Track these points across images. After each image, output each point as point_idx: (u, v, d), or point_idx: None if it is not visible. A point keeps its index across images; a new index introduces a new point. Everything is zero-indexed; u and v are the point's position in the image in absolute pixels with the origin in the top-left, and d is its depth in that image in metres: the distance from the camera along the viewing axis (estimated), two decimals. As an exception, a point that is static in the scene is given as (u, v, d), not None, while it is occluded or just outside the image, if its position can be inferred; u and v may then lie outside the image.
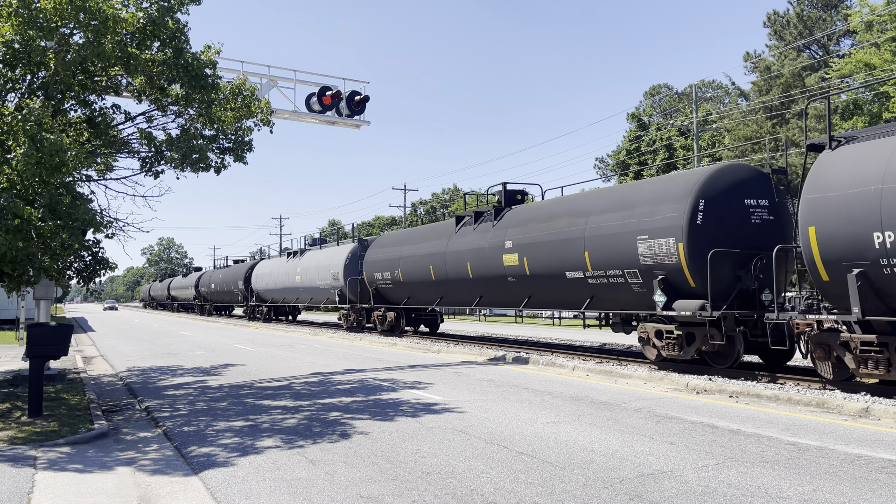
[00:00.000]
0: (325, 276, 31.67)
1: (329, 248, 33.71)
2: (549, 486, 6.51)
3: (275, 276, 39.18)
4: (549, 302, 18.04)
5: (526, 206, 20.17)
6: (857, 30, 35.14)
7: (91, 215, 10.27)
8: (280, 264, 39.04)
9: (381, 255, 26.55)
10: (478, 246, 20.00)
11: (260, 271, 42.51)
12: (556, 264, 16.72)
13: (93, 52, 10.48)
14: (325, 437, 8.86)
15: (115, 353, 23.17)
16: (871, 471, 6.85)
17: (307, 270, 33.97)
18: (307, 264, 34.28)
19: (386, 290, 26.53)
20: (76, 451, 8.58)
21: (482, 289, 20.21)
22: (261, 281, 41.99)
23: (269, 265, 41.60)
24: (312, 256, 34.34)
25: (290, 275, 36.43)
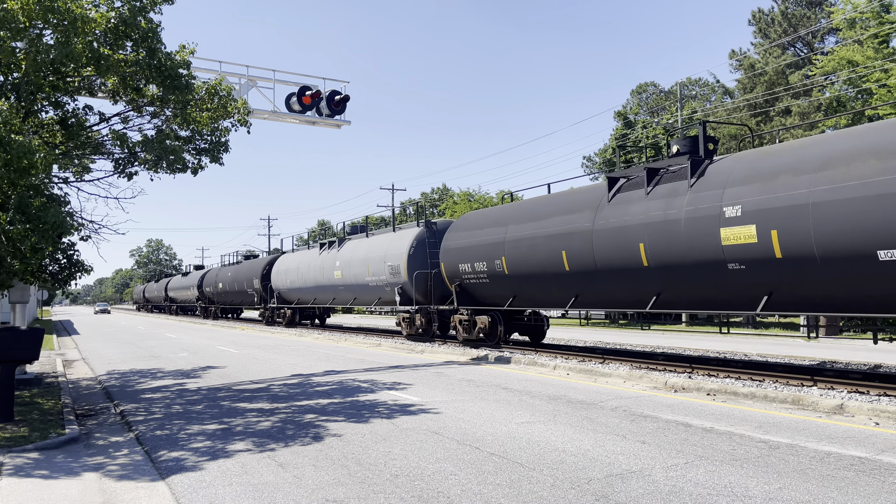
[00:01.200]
0: (378, 269, 25.31)
1: (381, 234, 27.48)
2: (517, 487, 6.47)
3: (303, 273, 32.85)
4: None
5: (761, 150, 13.08)
6: (840, 27, 35.29)
7: (61, 218, 10.15)
8: (310, 258, 32.69)
9: (468, 239, 20.07)
10: (663, 218, 13.49)
11: (282, 266, 35.94)
12: (852, 239, 10.40)
13: (62, 53, 10.36)
14: (298, 440, 8.79)
15: (97, 356, 22.98)
16: (840, 468, 6.84)
17: (350, 264, 27.76)
18: (349, 256, 28.10)
19: (477, 287, 19.96)
20: (44, 456, 8.48)
21: (663, 282, 13.85)
22: (283, 278, 35.47)
23: (295, 259, 34.89)
24: (356, 247, 27.98)
25: (325, 270, 30.22)
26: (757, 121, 38.21)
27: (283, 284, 35.60)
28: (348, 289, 28.28)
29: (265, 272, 39.00)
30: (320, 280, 30.81)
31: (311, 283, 32.04)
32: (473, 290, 20.26)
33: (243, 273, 43.54)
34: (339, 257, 28.99)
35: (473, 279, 19.88)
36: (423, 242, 23.62)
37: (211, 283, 51.78)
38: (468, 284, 20.27)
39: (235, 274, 45.37)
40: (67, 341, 31.38)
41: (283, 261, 36.60)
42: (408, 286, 23.59)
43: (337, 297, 30.00)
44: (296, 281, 33.73)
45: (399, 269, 23.84)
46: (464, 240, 20.39)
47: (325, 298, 31.39)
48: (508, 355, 17.56)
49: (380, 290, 25.63)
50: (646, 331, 31.29)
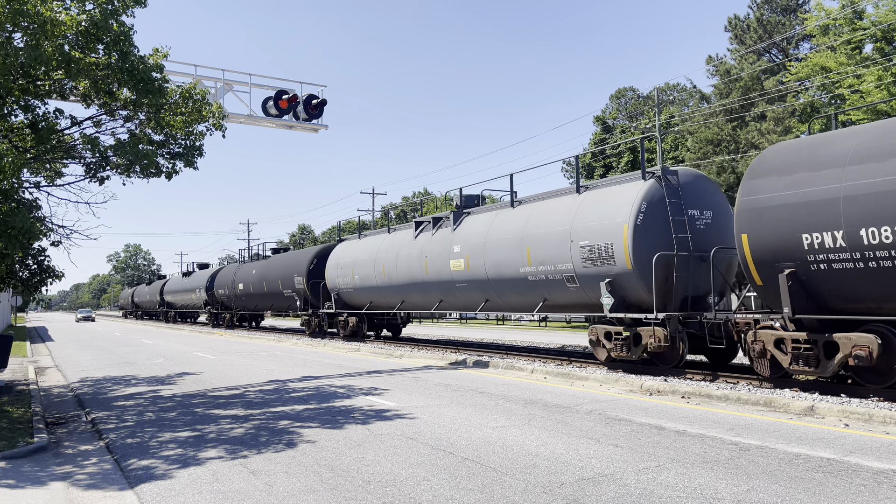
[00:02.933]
0: (554, 254, 15.75)
1: (550, 200, 17.12)
2: (489, 492, 6.46)
3: (385, 265, 23.50)
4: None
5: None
6: (813, 34, 35.84)
7: (30, 223, 10.00)
8: (394, 245, 23.36)
9: None
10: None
11: (345, 258, 26.76)
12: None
13: (31, 56, 10.22)
14: (271, 447, 8.72)
15: (71, 363, 22.66)
16: (808, 470, 6.91)
17: (486, 248, 18.21)
18: (482, 237, 18.57)
19: None
20: (11, 465, 8.33)
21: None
22: (346, 273, 26.34)
23: (366, 248, 25.44)
24: (496, 222, 18.37)
25: (430, 259, 20.73)
26: (733, 125, 38.66)
27: (345, 282, 26.43)
28: (480, 285, 18.59)
29: (313, 267, 29.96)
30: (417, 274, 21.53)
31: (398, 279, 22.76)
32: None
33: (277, 269, 34.13)
34: (459, 239, 19.56)
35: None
36: (659, 205, 14.02)
37: (226, 285, 42.91)
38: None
39: (265, 271, 36.04)
40: (41, 348, 30.92)
41: (344, 251, 27.35)
42: (630, 279, 14.00)
43: (450, 297, 20.41)
44: (368, 277, 24.75)
45: (609, 252, 14.26)
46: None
47: (424, 301, 21.86)
48: (486, 360, 17.56)
49: (556, 287, 15.93)
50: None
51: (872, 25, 30.85)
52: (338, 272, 27.09)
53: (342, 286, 26.83)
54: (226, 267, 47.48)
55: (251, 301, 39.07)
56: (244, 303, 40.51)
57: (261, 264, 37.78)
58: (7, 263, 10.68)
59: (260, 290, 36.52)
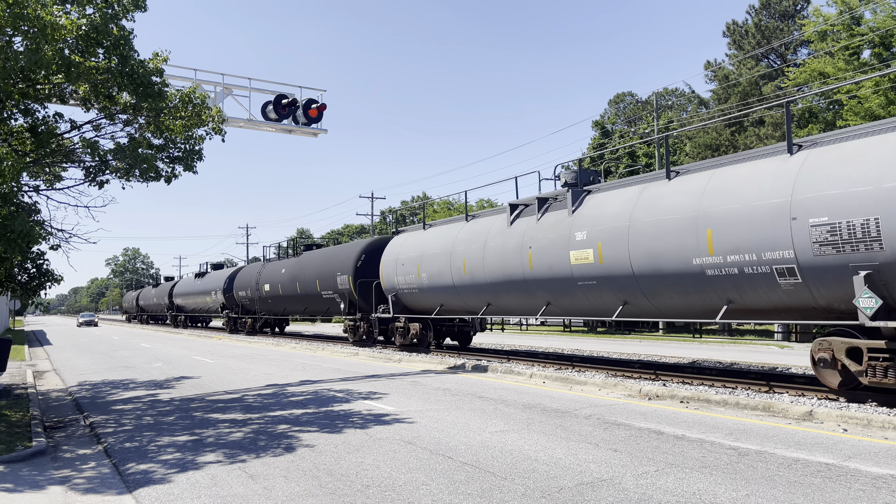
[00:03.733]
0: (758, 237, 11.62)
1: (760, 160, 12.47)
2: (488, 496, 6.45)
3: (471, 257, 18.86)
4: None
5: None
6: (811, 39, 35.94)
7: (29, 226, 10.00)
8: (478, 234, 19.00)
9: None
10: None
11: (406, 253, 22.32)
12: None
13: (31, 60, 10.23)
14: (269, 451, 8.71)
15: (69, 367, 22.63)
16: (807, 475, 6.92)
17: (632, 235, 13.90)
18: (622, 219, 14.26)
19: None
20: (9, 469, 8.31)
21: None
22: (408, 271, 22.00)
23: (439, 238, 21.01)
24: (643, 198, 14.12)
25: (547, 249, 15.96)
26: (731, 130, 38.74)
27: (407, 282, 22.06)
28: (618, 283, 14.25)
29: (361, 264, 25.84)
30: (514, 270, 17.08)
31: (485, 276, 18.31)
32: None
33: (314, 268, 29.83)
34: (582, 223, 15.11)
35: None
36: None
37: (248, 286, 38.35)
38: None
39: (297, 270, 31.63)
40: (39, 352, 30.87)
41: (405, 244, 22.89)
42: None
43: (565, 299, 15.96)
44: (440, 274, 20.17)
45: (870, 232, 10.13)
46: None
47: (524, 304, 17.42)
48: (485, 364, 17.56)
49: (755, 284, 11.90)
50: (625, 338, 31.43)
51: (870, 31, 30.95)
52: (397, 269, 22.51)
53: (402, 286, 22.32)
54: (247, 266, 42.93)
55: (279, 304, 34.72)
56: (270, 306, 36.02)
57: (292, 262, 33.01)
58: (6, 267, 10.67)
59: (291, 292, 32.29)
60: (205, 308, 48.98)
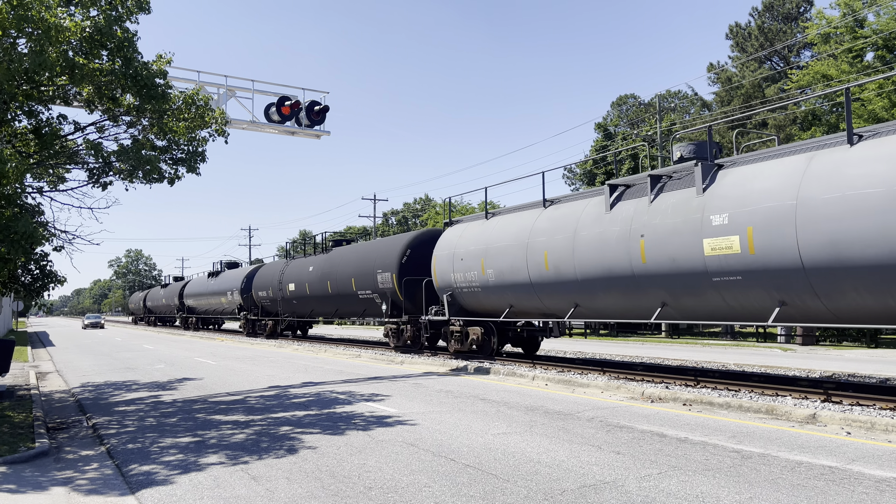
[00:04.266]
0: None
1: None
2: (490, 499, 6.45)
3: (556, 249, 15.79)
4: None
5: None
6: (815, 42, 35.93)
7: (32, 228, 10.03)
8: (565, 219, 15.93)
9: None
10: None
11: (465, 246, 19.32)
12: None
13: (35, 62, 10.26)
14: (272, 453, 8.71)
15: (72, 368, 22.66)
16: (811, 478, 6.90)
17: (815, 213, 10.77)
18: (799, 195, 11.04)
19: None
20: (12, 470, 8.33)
21: None
22: (468, 266, 18.94)
23: (510, 228, 17.89)
24: (829, 167, 10.85)
25: (669, 237, 13.13)
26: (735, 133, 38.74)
27: (466, 279, 19.05)
28: (776, 278, 11.49)
29: (406, 260, 22.66)
30: (616, 263, 14.11)
31: (574, 272, 15.18)
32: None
33: (349, 265, 26.58)
34: (719, 205, 12.38)
35: None
36: None
37: (269, 285, 35.47)
38: None
39: (328, 268, 28.44)
40: (42, 353, 30.92)
41: (463, 236, 19.78)
42: None
43: (691, 298, 13.15)
44: (513, 270, 17.13)
45: None
46: None
47: (629, 304, 14.36)
48: (488, 366, 17.55)
49: None
50: (626, 340, 31.38)
51: (874, 34, 30.92)
52: (454, 265, 19.55)
53: (461, 284, 19.28)
54: (268, 264, 39.63)
55: (305, 305, 31.73)
56: (295, 307, 32.97)
57: (321, 260, 29.74)
58: (10, 268, 10.70)
59: (320, 292, 29.18)
60: (219, 309, 45.59)
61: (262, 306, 37.36)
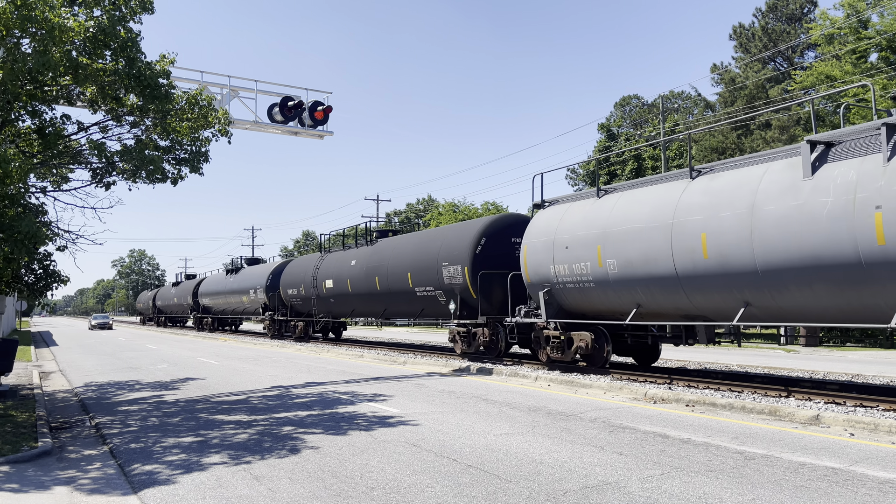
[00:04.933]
0: None
1: None
2: (492, 499, 6.44)
3: (720, 229, 12.30)
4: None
5: None
6: (818, 42, 35.87)
7: (36, 228, 10.04)
8: (733, 191, 12.34)
9: None
10: None
11: (569, 230, 15.90)
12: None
13: (39, 62, 10.28)
14: (274, 453, 8.71)
15: (75, 367, 22.70)
16: (814, 479, 6.88)
17: None
18: None
19: None
20: (15, 470, 8.34)
21: None
22: (576, 257, 15.55)
23: (634, 207, 14.49)
24: None
25: None
26: (738, 134, 38.67)
27: (571, 273, 15.61)
28: None
29: (480, 251, 19.27)
30: (832, 246, 10.72)
31: (751, 259, 11.84)
32: None
33: (403, 257, 22.97)
34: None
35: None
36: None
37: (301, 282, 31.41)
38: None
39: (376, 261, 24.78)
40: (45, 352, 30.97)
41: (564, 219, 16.28)
42: None
43: None
44: (645, 260, 13.85)
45: None
46: None
47: (847, 306, 10.94)
48: (490, 367, 17.54)
49: None
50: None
51: (877, 34, 30.85)
52: (554, 255, 15.96)
53: (565, 279, 15.65)
54: (298, 259, 35.28)
55: (345, 304, 27.78)
56: (332, 307, 29.03)
57: (366, 252, 26.00)
58: (13, 268, 10.72)
59: (366, 289, 25.26)
60: (239, 309, 41.67)
61: (292, 305, 33.48)
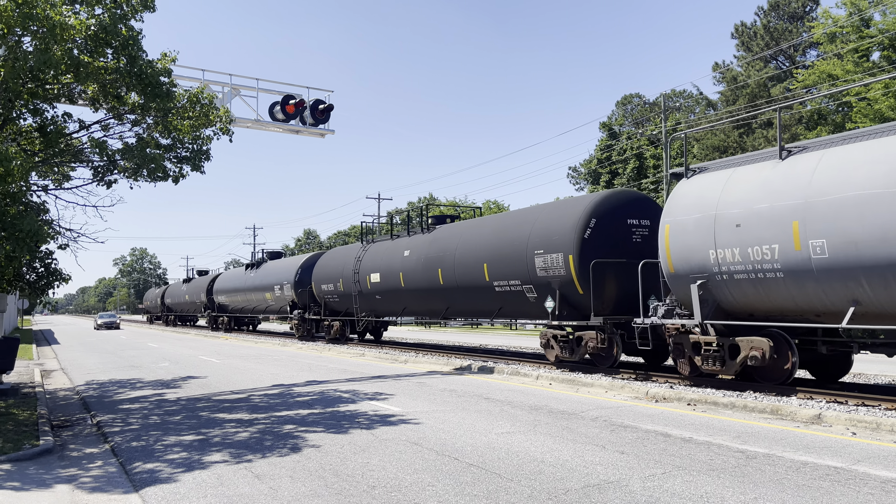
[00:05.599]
0: None
1: None
2: (494, 498, 6.43)
3: None
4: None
5: None
6: (820, 41, 35.80)
7: (37, 226, 10.04)
8: None
9: None
10: None
11: (744, 205, 11.76)
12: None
13: (40, 60, 10.27)
14: (275, 451, 8.71)
15: (76, 366, 22.72)
16: (816, 478, 6.87)
17: None
18: None
19: None
20: (17, 468, 8.34)
21: None
22: (756, 236, 11.54)
23: None
24: None
25: None
26: (739, 132, 38.62)
27: (744, 259, 11.80)
28: None
29: (589, 235, 15.72)
30: None
31: None
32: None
33: (476, 244, 19.43)
34: None
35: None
36: None
37: (340, 276, 27.44)
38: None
39: (434, 250, 21.34)
40: (47, 351, 30.99)
41: (729, 190, 12.34)
42: None
43: None
44: None
45: None
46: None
47: None
48: (491, 365, 17.53)
49: None
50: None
51: (880, 33, 30.79)
52: (715, 236, 12.26)
53: (734, 267, 11.96)
54: (334, 250, 31.18)
55: (396, 301, 23.82)
56: (378, 304, 25.34)
57: (423, 241, 22.29)
58: (15, 266, 10.72)
59: (425, 283, 21.50)
60: (260, 307, 37.64)
61: (326, 302, 29.56)
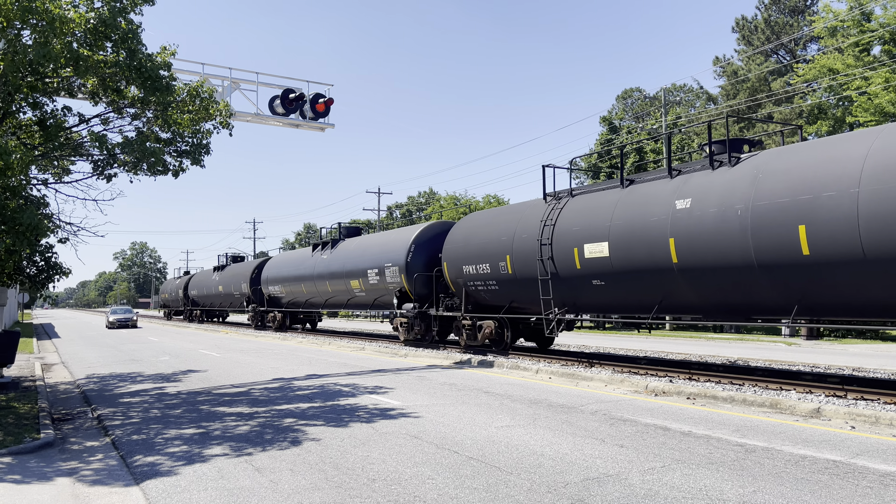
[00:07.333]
0: None
1: None
2: (493, 491, 6.45)
3: None
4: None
5: None
6: (821, 35, 35.71)
7: (37, 220, 10.04)
8: None
9: None
10: None
11: None
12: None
13: (40, 54, 10.26)
14: (276, 444, 8.73)
15: (77, 360, 22.74)
16: (814, 472, 6.89)
17: None
18: None
19: None
20: (17, 461, 8.36)
21: None
22: None
23: None
24: None
25: None
26: (740, 127, 38.57)
27: None
28: None
29: None
30: None
31: None
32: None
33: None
34: None
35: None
36: None
37: (509, 248, 17.52)
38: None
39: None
40: (47, 344, 31.02)
41: None
42: None
43: None
44: None
45: None
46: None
47: None
48: (491, 359, 17.55)
49: None
50: (631, 334, 31.35)
51: (880, 27, 30.71)
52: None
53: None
54: (471, 217, 21.28)
55: (664, 288, 13.70)
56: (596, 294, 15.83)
57: (621, 195, 14.86)
58: (15, 260, 10.73)
59: (722, 259, 12.12)
60: (341, 300, 28.17)
61: (468, 292, 19.99)
